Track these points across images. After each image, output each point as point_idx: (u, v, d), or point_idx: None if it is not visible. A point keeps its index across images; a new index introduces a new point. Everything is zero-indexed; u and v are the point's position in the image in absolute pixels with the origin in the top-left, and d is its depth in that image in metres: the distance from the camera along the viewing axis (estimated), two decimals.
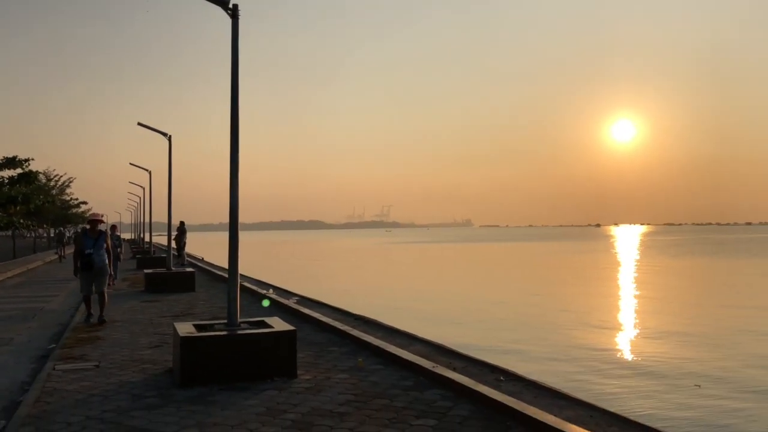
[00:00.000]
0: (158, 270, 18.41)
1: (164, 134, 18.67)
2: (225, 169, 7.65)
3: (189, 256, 34.32)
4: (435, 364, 7.45)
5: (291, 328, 7.36)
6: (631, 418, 6.11)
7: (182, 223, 29.16)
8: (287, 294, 16.16)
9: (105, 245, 11.67)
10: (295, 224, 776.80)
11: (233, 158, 7.62)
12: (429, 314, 17.92)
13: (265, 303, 6.94)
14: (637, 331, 15.45)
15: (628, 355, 12.46)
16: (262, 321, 7.74)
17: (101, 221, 11.92)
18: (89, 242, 11.46)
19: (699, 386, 9.59)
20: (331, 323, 10.48)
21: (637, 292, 24.76)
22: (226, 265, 7.84)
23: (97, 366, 7.97)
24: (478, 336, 14.12)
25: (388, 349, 8.30)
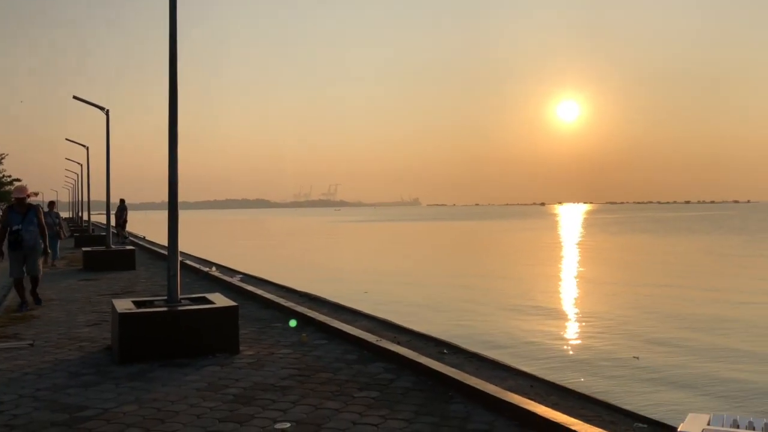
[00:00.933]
0: (97, 248, 17.91)
1: (101, 108, 18.08)
2: (166, 145, 7.46)
3: (130, 234, 33.55)
4: (379, 338, 7.49)
5: (233, 303, 7.27)
6: (570, 387, 6.28)
7: (122, 201, 28.45)
8: (231, 272, 15.98)
9: (37, 221, 10.34)
10: (240, 203, 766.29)
11: (172, 133, 7.41)
12: (376, 292, 17.96)
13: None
14: (580, 305, 15.84)
15: (569, 329, 12.76)
16: (204, 297, 7.63)
17: (26, 197, 10.54)
18: (16, 218, 10.17)
19: (637, 358, 9.87)
20: (276, 300, 10.42)
21: (580, 269, 25.38)
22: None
23: (32, 345, 7.71)
24: (425, 313, 14.23)
25: (332, 325, 8.30)
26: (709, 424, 1.42)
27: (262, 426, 4.85)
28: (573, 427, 4.54)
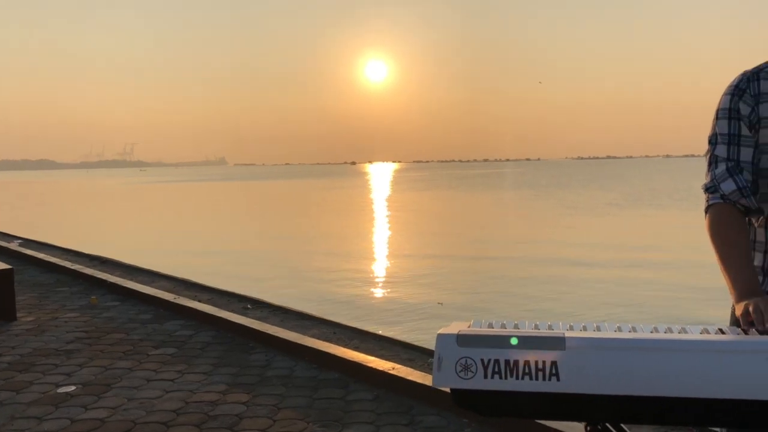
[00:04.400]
0: None
1: None
2: None
3: None
4: (176, 296, 7.19)
5: (6, 266, 6.56)
6: (371, 331, 6.49)
7: None
8: (8, 237, 14.43)
9: None
10: (19, 164, 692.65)
11: None
12: (178, 253, 17.23)
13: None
14: (388, 259, 16.41)
15: (378, 281, 13.17)
16: None
17: None
18: None
19: (441, 304, 10.37)
20: (61, 263, 9.59)
21: (390, 225, 26.30)
22: None
23: None
24: (230, 272, 13.89)
25: (126, 285, 7.82)
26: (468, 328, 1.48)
27: (43, 391, 4.47)
28: (369, 364, 4.70)
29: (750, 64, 1.87)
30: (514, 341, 1.40)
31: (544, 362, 1.37)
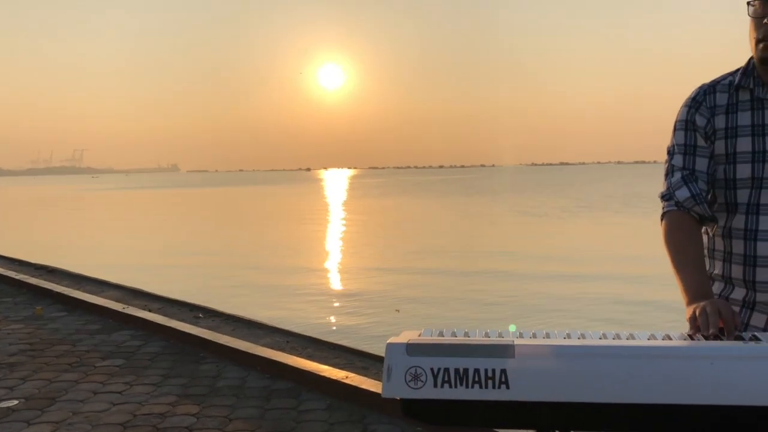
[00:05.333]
0: None
1: None
2: None
3: None
4: (125, 306, 7.01)
5: None
6: (325, 339, 6.42)
7: None
8: None
9: None
10: None
11: None
12: (127, 262, 16.85)
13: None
14: (341, 264, 16.34)
15: (335, 288, 13.08)
16: None
17: None
18: None
19: (398, 311, 10.36)
20: (4, 272, 9.27)
21: (344, 230, 26.23)
22: None
23: None
24: (180, 280, 13.64)
25: (72, 295, 7.60)
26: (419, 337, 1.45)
27: None
28: (322, 373, 4.66)
29: (704, 75, 1.92)
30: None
31: (493, 370, 1.36)
